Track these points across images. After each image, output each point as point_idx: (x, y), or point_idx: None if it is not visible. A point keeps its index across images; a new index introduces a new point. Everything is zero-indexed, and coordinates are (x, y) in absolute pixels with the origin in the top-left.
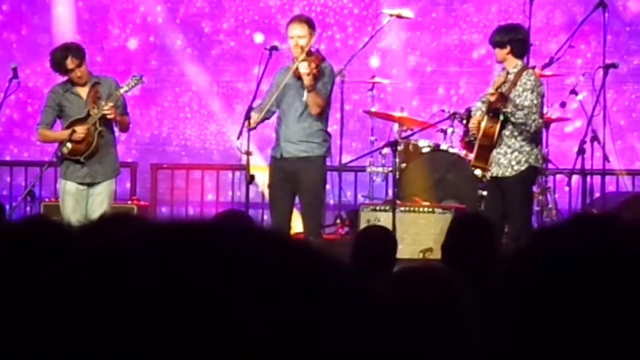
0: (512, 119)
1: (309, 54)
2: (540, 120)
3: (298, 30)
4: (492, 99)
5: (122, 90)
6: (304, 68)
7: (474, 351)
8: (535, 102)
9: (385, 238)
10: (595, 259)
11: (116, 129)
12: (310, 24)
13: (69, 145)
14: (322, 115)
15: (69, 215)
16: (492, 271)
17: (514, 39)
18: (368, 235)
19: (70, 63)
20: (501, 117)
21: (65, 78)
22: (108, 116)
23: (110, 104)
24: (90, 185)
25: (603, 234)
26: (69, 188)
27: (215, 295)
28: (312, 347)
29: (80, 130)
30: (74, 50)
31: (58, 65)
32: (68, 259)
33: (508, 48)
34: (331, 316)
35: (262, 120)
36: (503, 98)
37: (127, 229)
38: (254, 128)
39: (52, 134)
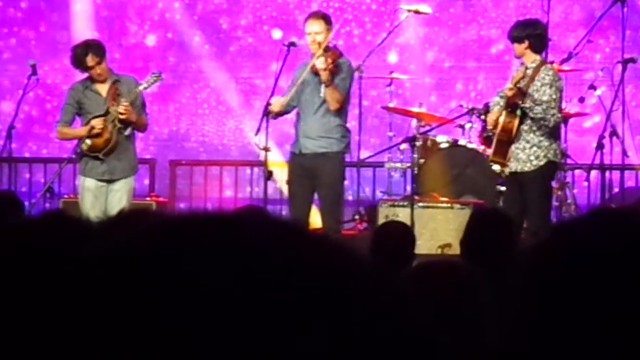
0: (531, 114)
1: (327, 49)
2: (559, 115)
3: (315, 27)
4: (510, 94)
5: (141, 87)
6: (320, 64)
7: (492, 347)
8: (553, 97)
9: (404, 234)
10: (615, 253)
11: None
12: (327, 20)
13: (88, 141)
14: (341, 111)
15: (87, 211)
16: (511, 266)
17: (532, 34)
18: (386, 231)
19: (90, 60)
20: (519, 112)
21: (85, 75)
22: (122, 116)
23: (127, 103)
24: (109, 181)
25: (622, 229)
26: (88, 184)
27: (227, 294)
28: (326, 345)
29: (97, 123)
30: (95, 47)
31: (78, 62)
32: (82, 256)
33: (526, 43)
34: (347, 314)
35: (282, 114)
36: (521, 93)
37: (145, 225)
38: (276, 118)
39: (70, 131)
